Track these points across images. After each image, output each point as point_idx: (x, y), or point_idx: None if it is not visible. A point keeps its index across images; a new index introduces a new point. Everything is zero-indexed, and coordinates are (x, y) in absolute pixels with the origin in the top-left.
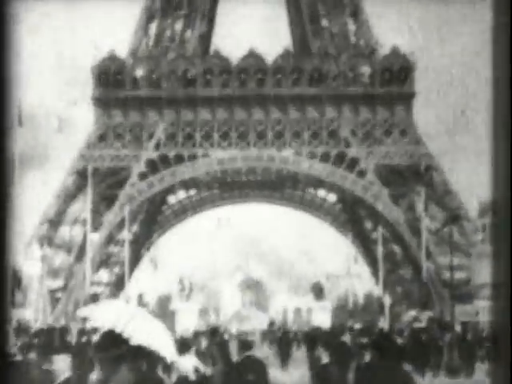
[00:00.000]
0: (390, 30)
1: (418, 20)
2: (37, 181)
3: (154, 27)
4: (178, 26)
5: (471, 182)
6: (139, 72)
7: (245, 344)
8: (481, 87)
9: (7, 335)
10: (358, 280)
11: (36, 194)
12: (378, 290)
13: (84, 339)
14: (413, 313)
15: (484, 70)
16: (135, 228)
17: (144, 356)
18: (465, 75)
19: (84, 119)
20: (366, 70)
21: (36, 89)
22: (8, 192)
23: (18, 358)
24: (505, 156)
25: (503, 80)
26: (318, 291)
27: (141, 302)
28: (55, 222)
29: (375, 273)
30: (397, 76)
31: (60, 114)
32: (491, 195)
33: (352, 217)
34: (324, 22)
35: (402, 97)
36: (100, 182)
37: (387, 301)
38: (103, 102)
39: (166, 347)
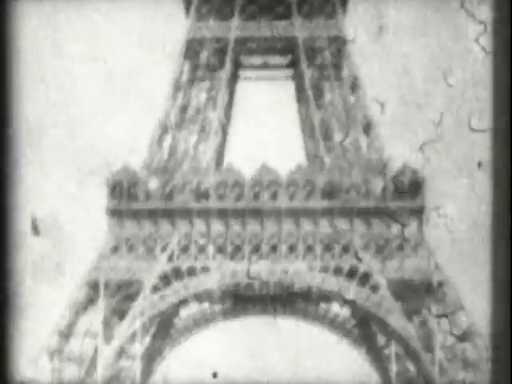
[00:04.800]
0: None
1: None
2: (48, 291)
3: (168, 140)
4: (192, 139)
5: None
6: (153, 184)
7: None
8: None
9: None
10: None
11: (47, 305)
12: None
13: None
14: None
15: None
16: (147, 341)
17: None
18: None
19: (98, 229)
20: (377, 183)
21: (47, 197)
22: (18, 303)
23: None
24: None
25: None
26: None
27: None
28: (66, 335)
29: None
30: (408, 190)
31: (73, 223)
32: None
33: (365, 332)
34: (337, 137)
35: (414, 211)
36: (112, 295)
37: None
38: (116, 213)
39: None
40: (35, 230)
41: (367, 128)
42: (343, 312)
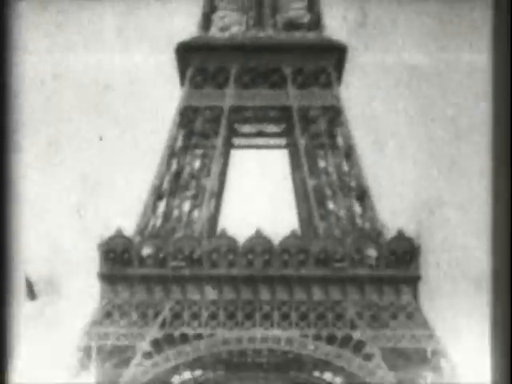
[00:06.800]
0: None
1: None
2: (40, 355)
3: (161, 207)
4: (186, 206)
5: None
6: (146, 250)
7: None
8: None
9: None
10: None
11: (39, 370)
12: None
13: None
14: None
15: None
16: None
17: None
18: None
19: (91, 294)
20: (371, 252)
21: (40, 259)
22: (10, 365)
23: None
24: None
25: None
26: None
27: None
28: None
29: None
30: (402, 259)
31: (65, 287)
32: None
33: None
34: (330, 205)
35: (408, 280)
36: (104, 360)
37: None
38: (109, 279)
39: None
40: (32, 293)
41: (361, 196)
42: (336, 381)
